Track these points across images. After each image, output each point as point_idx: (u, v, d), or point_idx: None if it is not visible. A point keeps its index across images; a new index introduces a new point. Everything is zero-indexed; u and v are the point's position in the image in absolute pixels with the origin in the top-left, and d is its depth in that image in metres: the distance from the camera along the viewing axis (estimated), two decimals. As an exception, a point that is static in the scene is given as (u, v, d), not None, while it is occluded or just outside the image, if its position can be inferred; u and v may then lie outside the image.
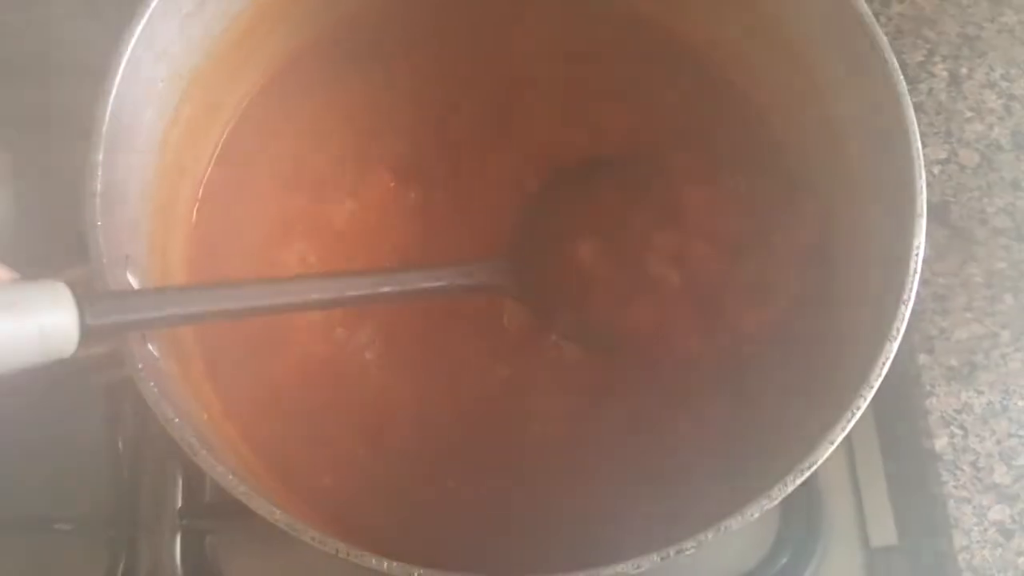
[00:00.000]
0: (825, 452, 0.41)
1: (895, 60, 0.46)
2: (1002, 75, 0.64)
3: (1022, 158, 0.62)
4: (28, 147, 0.61)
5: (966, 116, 0.63)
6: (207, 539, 0.57)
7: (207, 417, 0.47)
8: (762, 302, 0.52)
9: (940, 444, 0.57)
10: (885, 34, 0.47)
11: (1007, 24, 0.65)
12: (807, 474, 0.40)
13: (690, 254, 0.53)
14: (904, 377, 0.58)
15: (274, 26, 0.55)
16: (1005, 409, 0.57)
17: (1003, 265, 0.60)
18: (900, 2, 0.65)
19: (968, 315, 0.59)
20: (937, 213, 0.60)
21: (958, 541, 0.55)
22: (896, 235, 0.45)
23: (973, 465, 0.56)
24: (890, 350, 0.42)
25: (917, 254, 0.44)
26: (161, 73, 0.48)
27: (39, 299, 0.38)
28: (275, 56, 0.57)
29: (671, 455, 0.50)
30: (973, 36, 0.64)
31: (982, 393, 0.57)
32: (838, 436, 0.41)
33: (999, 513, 0.55)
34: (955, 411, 0.57)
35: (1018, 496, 0.56)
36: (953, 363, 0.58)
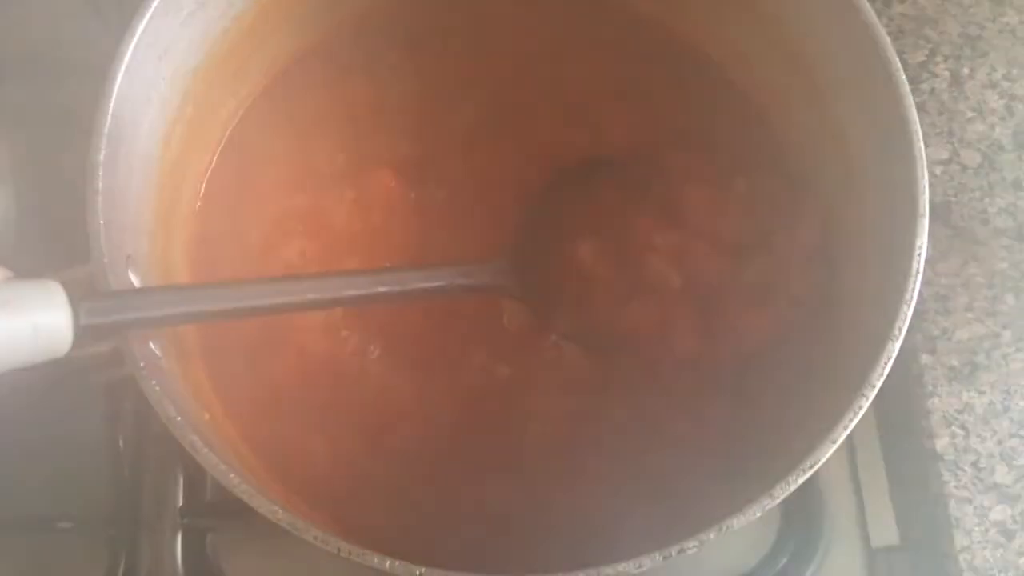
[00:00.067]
0: (827, 451, 0.40)
1: (897, 60, 0.46)
2: (1004, 75, 0.64)
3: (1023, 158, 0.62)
4: (29, 146, 0.61)
5: (968, 116, 0.63)
6: (208, 538, 0.57)
7: (208, 416, 0.47)
8: (763, 302, 0.52)
9: (941, 444, 0.57)
10: (887, 34, 0.47)
11: (1008, 24, 0.65)
12: (809, 473, 0.40)
13: (690, 254, 0.53)
14: (905, 377, 0.58)
15: (276, 26, 0.55)
16: (1006, 409, 0.57)
17: (1005, 265, 0.60)
18: (901, 2, 0.65)
19: (969, 315, 0.59)
20: (939, 213, 0.60)
21: (959, 541, 0.55)
22: (898, 235, 0.45)
23: (974, 465, 0.56)
24: (892, 349, 0.42)
25: (920, 254, 0.44)
26: (163, 72, 0.48)
27: (33, 298, 0.37)
28: (277, 56, 0.57)
29: (671, 455, 0.49)
30: (975, 36, 0.64)
31: (983, 393, 0.57)
32: (840, 435, 0.41)
33: (1000, 513, 0.55)
34: (956, 411, 0.57)
35: (1019, 496, 0.56)
36: (954, 363, 0.58)
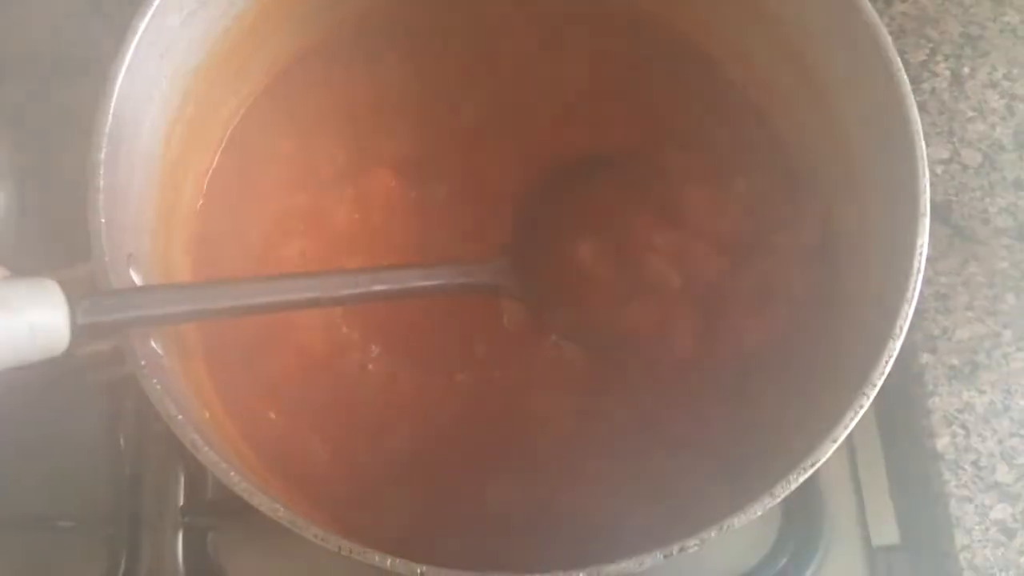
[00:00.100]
0: (828, 450, 0.40)
1: (899, 60, 0.46)
2: (1004, 75, 0.64)
3: (1024, 157, 0.62)
4: (30, 145, 0.61)
5: (968, 116, 0.63)
6: (209, 536, 0.57)
7: (208, 415, 0.47)
8: (763, 302, 0.52)
9: (942, 443, 0.57)
10: (888, 33, 0.47)
11: (1009, 24, 0.65)
12: (810, 472, 0.40)
13: (690, 254, 0.53)
14: (906, 376, 0.58)
15: (277, 25, 0.55)
16: (1007, 408, 0.57)
17: (1005, 265, 0.60)
18: (902, 1, 0.65)
19: (970, 314, 0.59)
20: (939, 212, 0.60)
21: (960, 540, 0.55)
22: (899, 234, 0.45)
23: (975, 464, 0.56)
24: (893, 348, 0.42)
25: (921, 253, 0.44)
26: (164, 71, 0.48)
27: (30, 296, 0.37)
28: (278, 56, 0.57)
29: (671, 455, 0.49)
30: (975, 36, 0.64)
31: (984, 392, 0.57)
32: (841, 434, 0.41)
33: (1001, 512, 0.55)
34: (957, 410, 0.57)
35: (1020, 495, 0.56)
36: (955, 362, 0.58)
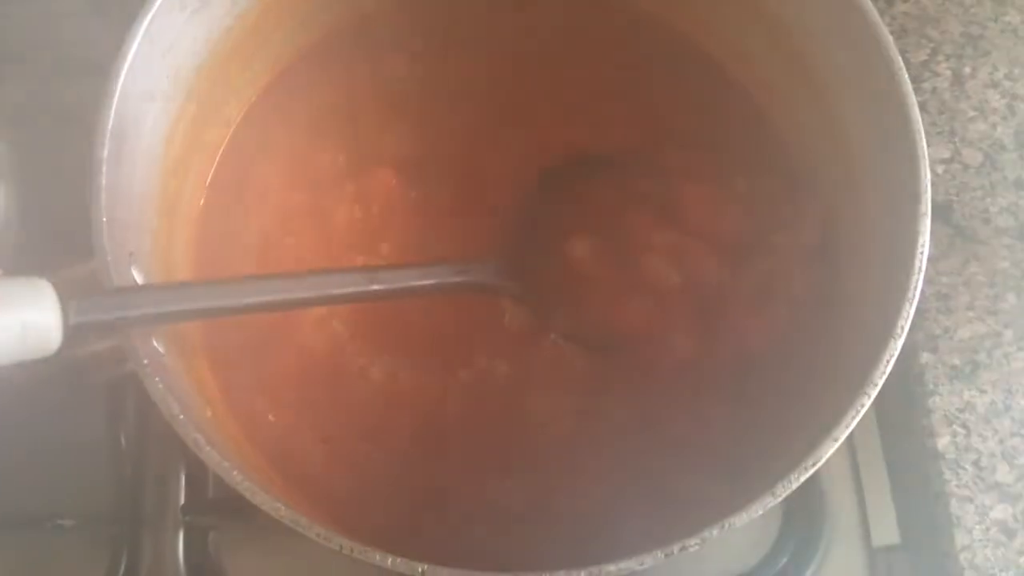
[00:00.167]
0: (829, 449, 0.40)
1: (900, 59, 0.46)
2: (1005, 75, 0.64)
3: (1025, 157, 0.62)
4: (29, 146, 0.61)
5: (969, 115, 0.63)
6: (210, 535, 0.57)
7: (210, 414, 0.47)
8: (763, 302, 0.52)
9: (942, 443, 0.57)
10: (888, 33, 0.47)
11: (1010, 24, 0.65)
12: (811, 471, 0.40)
13: (690, 254, 0.53)
14: (907, 376, 0.58)
15: (279, 24, 0.55)
16: (1008, 408, 0.57)
17: (1006, 264, 0.60)
18: (903, 1, 0.65)
19: (971, 314, 0.59)
20: (940, 212, 0.60)
21: (960, 540, 0.55)
22: (900, 234, 0.45)
23: (975, 464, 0.56)
24: (894, 348, 0.42)
25: (922, 252, 0.44)
26: (166, 70, 0.48)
27: (22, 296, 0.37)
28: (280, 55, 0.57)
29: (672, 455, 0.49)
30: (976, 35, 0.64)
31: (985, 392, 0.57)
32: (842, 433, 0.41)
33: (1001, 512, 0.55)
34: (958, 410, 0.57)
35: (1020, 495, 0.56)
36: (956, 362, 0.58)
